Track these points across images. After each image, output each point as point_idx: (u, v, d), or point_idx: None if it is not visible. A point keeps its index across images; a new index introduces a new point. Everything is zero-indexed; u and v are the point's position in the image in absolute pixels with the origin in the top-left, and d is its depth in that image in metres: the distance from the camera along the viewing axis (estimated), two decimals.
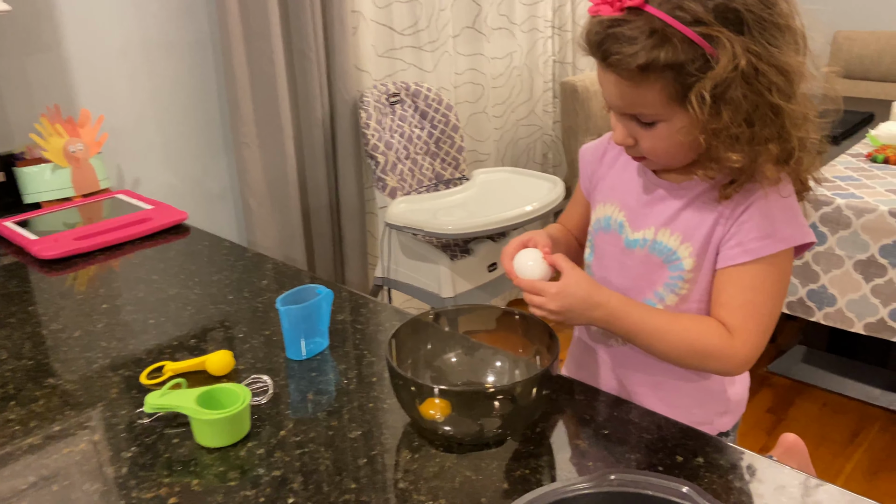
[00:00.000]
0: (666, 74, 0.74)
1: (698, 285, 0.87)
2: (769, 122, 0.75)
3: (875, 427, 2.07)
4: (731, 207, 0.83)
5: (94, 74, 1.72)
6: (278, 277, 1.26)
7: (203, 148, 1.97)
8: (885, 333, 1.80)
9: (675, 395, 0.93)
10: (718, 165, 0.79)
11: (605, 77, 0.80)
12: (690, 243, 0.85)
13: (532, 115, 2.83)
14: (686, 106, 0.75)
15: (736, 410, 0.98)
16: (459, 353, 0.95)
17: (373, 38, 2.19)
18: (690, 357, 0.84)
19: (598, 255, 0.96)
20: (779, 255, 0.81)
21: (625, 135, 0.83)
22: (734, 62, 0.71)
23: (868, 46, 2.88)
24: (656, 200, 0.89)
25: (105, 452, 0.82)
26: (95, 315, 1.13)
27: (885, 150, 2.04)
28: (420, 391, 0.79)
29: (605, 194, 0.96)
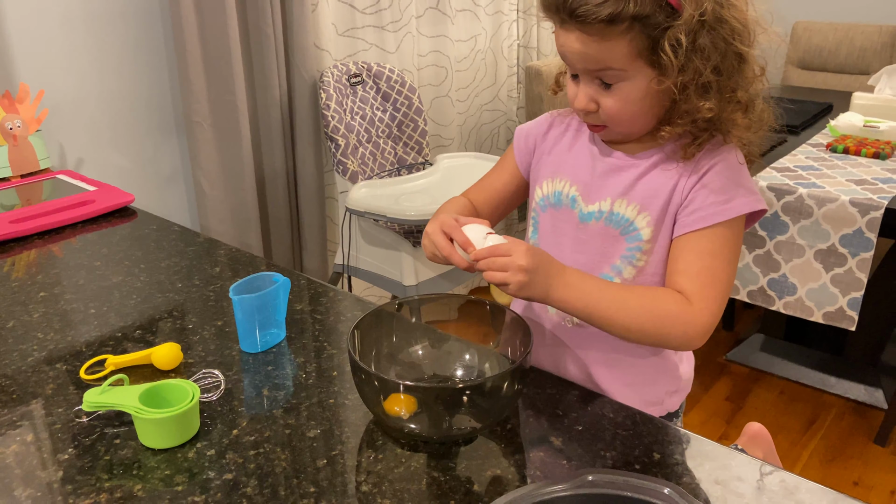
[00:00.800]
0: (633, 27, 0.74)
1: (655, 256, 0.85)
2: (735, 70, 0.77)
3: (831, 414, 2.10)
4: (686, 175, 0.82)
5: (33, 46, 1.61)
6: (232, 264, 1.20)
7: (152, 127, 1.87)
8: (844, 322, 1.82)
9: (630, 371, 0.92)
10: (687, 119, 0.79)
11: (567, 36, 0.78)
12: (648, 212, 0.84)
13: (496, 100, 2.78)
14: (652, 61, 0.75)
15: (684, 389, 0.98)
16: (426, 346, 0.90)
17: (333, 16, 2.11)
18: (651, 325, 0.79)
19: (544, 233, 0.93)
20: (734, 221, 0.81)
21: (587, 99, 0.81)
22: (700, 8, 0.72)
23: (827, 37, 2.91)
24: (611, 172, 0.87)
25: (39, 454, 0.75)
26: (32, 304, 1.05)
27: (845, 140, 2.06)
28: (384, 386, 0.75)
29: (553, 170, 0.93)
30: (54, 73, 1.65)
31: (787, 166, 1.93)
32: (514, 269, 0.76)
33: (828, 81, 2.94)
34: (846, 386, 2.19)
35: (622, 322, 0.79)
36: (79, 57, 1.68)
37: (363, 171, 2.12)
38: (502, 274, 0.76)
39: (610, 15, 0.72)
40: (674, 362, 0.94)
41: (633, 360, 0.91)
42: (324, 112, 2.00)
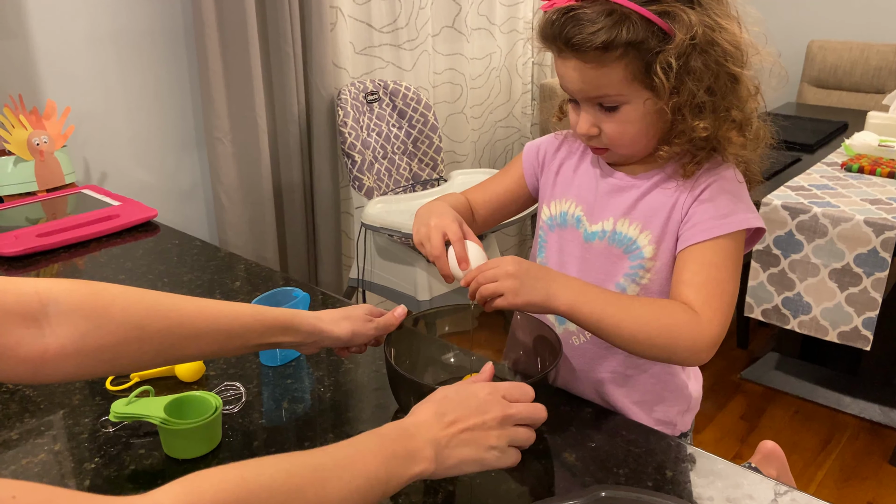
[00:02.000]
0: (628, 53, 0.76)
1: (658, 274, 0.87)
2: (729, 90, 0.79)
3: (846, 434, 2.08)
4: (686, 191, 0.84)
5: (60, 64, 1.65)
6: (251, 279, 1.22)
7: (174, 143, 1.91)
8: (858, 342, 1.81)
9: (640, 389, 0.92)
10: (684, 139, 0.81)
11: (565, 65, 0.80)
12: (650, 230, 0.86)
13: (510, 116, 2.81)
14: (648, 84, 0.77)
15: (693, 408, 0.99)
16: (458, 354, 0.93)
17: (351, 35, 2.15)
18: (659, 334, 0.78)
19: (551, 252, 0.95)
20: (735, 236, 0.82)
21: (589, 124, 0.83)
22: (691, 32, 0.75)
23: (842, 56, 2.91)
24: (613, 192, 0.89)
25: (66, 463, 0.78)
26: None
27: (860, 159, 2.06)
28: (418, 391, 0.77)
29: (560, 191, 0.95)
30: (80, 90, 1.69)
31: (801, 185, 1.94)
32: (503, 276, 0.77)
33: (843, 100, 2.94)
34: (861, 405, 2.17)
35: (630, 330, 0.78)
36: (104, 75, 1.73)
37: (378, 187, 2.15)
38: (493, 284, 0.77)
39: (604, 42, 0.74)
40: (682, 380, 0.95)
41: (642, 378, 0.92)
42: (341, 129, 2.03)
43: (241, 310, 0.75)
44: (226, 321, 0.73)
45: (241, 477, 0.51)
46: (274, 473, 0.53)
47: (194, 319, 0.71)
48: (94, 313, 0.64)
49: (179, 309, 0.70)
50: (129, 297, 0.67)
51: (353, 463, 0.58)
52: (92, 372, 0.66)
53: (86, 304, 0.64)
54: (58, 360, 0.62)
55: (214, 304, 0.74)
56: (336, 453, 0.59)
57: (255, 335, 0.76)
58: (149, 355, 0.69)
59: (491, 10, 2.57)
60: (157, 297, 0.70)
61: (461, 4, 2.43)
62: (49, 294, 0.62)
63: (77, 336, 0.63)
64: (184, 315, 0.70)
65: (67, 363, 0.63)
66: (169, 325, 0.69)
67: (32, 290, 0.62)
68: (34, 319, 0.61)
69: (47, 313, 0.62)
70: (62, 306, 0.62)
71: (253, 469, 0.53)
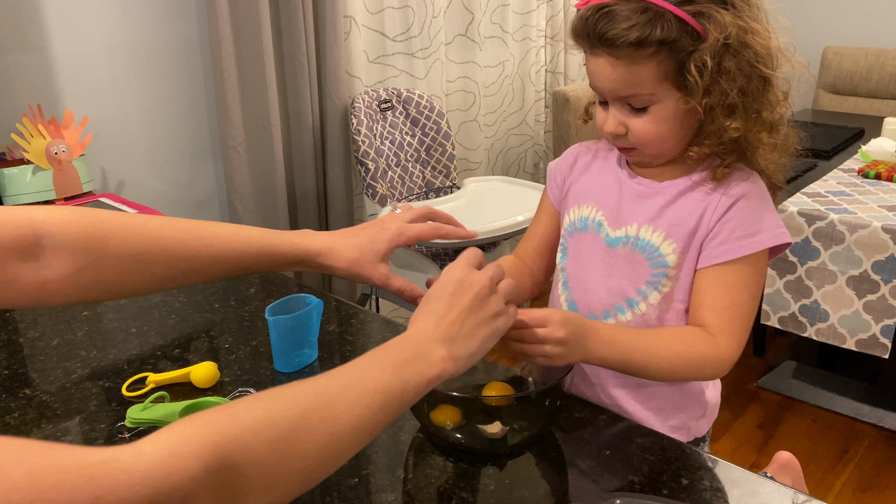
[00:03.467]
0: (660, 51, 0.76)
1: (680, 282, 0.86)
2: (760, 92, 0.79)
3: (864, 444, 2.06)
4: (713, 206, 0.83)
5: (78, 75, 1.68)
6: (266, 286, 1.23)
7: (190, 151, 1.92)
8: (876, 350, 1.79)
9: (655, 398, 0.92)
10: (714, 140, 0.81)
11: (596, 63, 0.80)
12: (674, 239, 0.85)
13: (524, 124, 2.81)
14: (679, 84, 0.78)
15: (711, 415, 0.98)
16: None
17: (364, 44, 2.16)
18: (683, 369, 0.83)
19: (573, 257, 0.95)
20: (759, 254, 0.83)
21: (617, 122, 0.82)
22: (725, 32, 0.75)
23: (857, 62, 2.89)
24: (638, 198, 0.88)
25: None
26: (75, 323, 1.09)
27: (877, 165, 2.05)
28: (430, 397, 0.77)
29: (580, 197, 0.95)
30: (98, 100, 1.72)
31: (818, 192, 1.92)
32: (553, 343, 0.74)
33: (859, 106, 2.92)
34: (880, 414, 2.14)
35: (656, 370, 0.82)
36: (121, 85, 1.75)
37: (392, 195, 2.15)
38: (539, 347, 0.74)
39: (638, 38, 0.75)
40: (700, 388, 0.95)
41: (658, 387, 0.91)
42: (354, 137, 2.04)
43: (249, 242, 0.73)
44: (231, 255, 0.71)
45: (232, 415, 0.47)
46: (270, 405, 0.50)
47: (197, 252, 0.69)
48: (92, 247, 0.63)
49: (182, 241, 0.69)
50: (127, 229, 0.66)
51: (360, 381, 0.55)
52: (94, 298, 0.66)
53: (83, 237, 0.63)
54: (58, 289, 0.63)
55: (220, 234, 0.72)
56: (340, 375, 0.55)
57: (262, 267, 0.75)
58: (150, 285, 0.68)
59: (504, 19, 2.57)
60: (158, 229, 0.68)
61: (474, 13, 2.44)
62: (43, 225, 0.62)
63: (75, 269, 0.63)
64: (188, 247, 0.69)
65: (68, 291, 0.63)
66: (170, 259, 0.68)
67: (26, 221, 0.61)
68: (30, 253, 0.61)
69: (42, 246, 0.61)
70: (57, 239, 0.62)
71: (246, 404, 0.49)
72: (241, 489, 0.45)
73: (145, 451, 0.42)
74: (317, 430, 0.50)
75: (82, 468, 0.38)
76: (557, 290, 0.97)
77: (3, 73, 1.57)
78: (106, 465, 0.39)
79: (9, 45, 1.57)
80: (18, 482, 0.36)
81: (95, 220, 0.65)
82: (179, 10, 1.80)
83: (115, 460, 0.40)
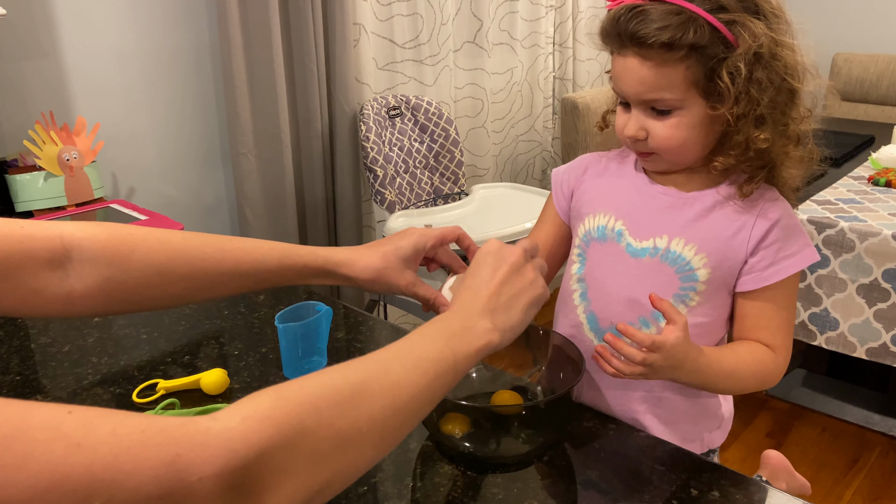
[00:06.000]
0: (690, 56, 0.76)
1: (709, 298, 0.86)
2: (788, 105, 0.79)
3: (875, 452, 2.04)
4: (749, 228, 0.83)
5: (90, 82, 1.69)
6: (275, 292, 1.23)
7: (200, 158, 1.94)
8: (887, 359, 1.78)
9: (672, 411, 0.91)
10: (739, 150, 0.80)
11: (624, 63, 0.80)
12: (706, 254, 0.84)
13: (532, 130, 2.82)
14: (706, 91, 0.78)
15: (725, 427, 0.98)
16: (480, 369, 0.93)
17: (373, 51, 2.17)
18: (752, 386, 0.86)
19: (592, 266, 0.93)
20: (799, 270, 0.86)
21: (638, 126, 0.82)
22: (758, 42, 0.75)
23: (867, 69, 2.88)
24: (664, 208, 0.87)
25: None
26: (86, 329, 1.10)
27: (887, 173, 2.03)
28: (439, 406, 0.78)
29: (595, 205, 0.93)
30: (109, 106, 1.73)
31: (827, 199, 1.92)
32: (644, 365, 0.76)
33: (869, 113, 2.91)
34: (890, 423, 2.13)
35: (730, 390, 0.88)
36: (133, 92, 1.77)
37: (400, 201, 2.16)
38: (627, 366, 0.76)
39: (670, 39, 0.75)
40: (716, 402, 0.94)
41: (675, 399, 0.91)
42: (363, 144, 2.05)
43: (270, 253, 0.75)
44: (251, 266, 0.73)
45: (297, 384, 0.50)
46: (331, 375, 0.52)
47: (218, 265, 0.71)
48: (117, 259, 0.66)
49: (203, 253, 0.71)
50: (151, 243, 0.69)
51: (413, 351, 0.57)
52: (120, 310, 0.69)
53: (108, 250, 0.66)
54: (84, 300, 0.66)
55: (241, 246, 0.73)
56: (395, 346, 0.58)
57: (284, 280, 0.76)
58: (174, 297, 0.71)
59: (512, 26, 2.58)
60: (181, 242, 0.71)
61: (482, 20, 2.44)
62: (73, 239, 0.65)
63: (101, 280, 0.66)
64: (208, 260, 0.71)
65: (95, 302, 0.66)
66: (191, 271, 0.70)
67: (57, 234, 0.65)
68: (59, 263, 0.64)
69: (71, 258, 0.65)
70: (85, 252, 0.65)
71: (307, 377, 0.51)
72: (317, 451, 0.47)
73: (220, 417, 0.44)
74: (379, 394, 0.52)
75: (163, 429, 0.41)
76: (573, 300, 0.95)
77: (17, 80, 1.59)
78: (185, 428, 0.42)
79: (22, 52, 1.59)
80: (105, 437, 0.39)
81: (121, 234, 0.68)
82: (190, 17, 1.82)
83: (193, 423, 0.43)
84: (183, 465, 0.40)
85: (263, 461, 0.43)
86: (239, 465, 0.42)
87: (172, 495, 0.39)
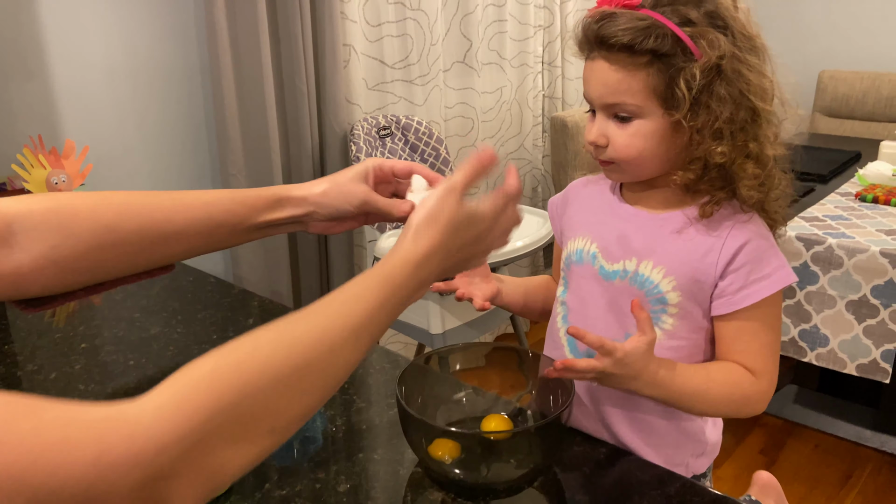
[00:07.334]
0: (653, 63, 0.77)
1: (684, 322, 0.86)
2: (748, 123, 0.80)
3: (868, 469, 2.04)
4: (717, 250, 0.83)
5: (79, 103, 1.69)
6: (265, 316, 1.23)
7: (190, 178, 1.93)
8: (877, 375, 1.79)
9: (654, 434, 0.91)
10: (699, 164, 0.81)
11: (592, 67, 0.82)
12: (675, 277, 0.84)
13: (522, 148, 2.83)
14: (667, 102, 0.78)
15: (711, 453, 0.97)
16: (469, 393, 0.93)
17: (364, 72, 2.18)
18: (726, 409, 0.86)
19: (573, 290, 0.94)
20: (776, 292, 0.84)
21: (599, 132, 0.83)
22: (720, 54, 0.76)
23: (853, 86, 2.92)
24: (634, 230, 0.88)
25: None
26: (73, 355, 1.09)
27: (874, 189, 2.05)
28: (428, 431, 0.77)
29: (574, 230, 0.95)
30: (99, 127, 1.73)
31: (815, 216, 1.93)
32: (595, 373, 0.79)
33: (856, 129, 2.94)
34: (883, 439, 2.13)
35: (701, 409, 0.86)
36: (122, 112, 1.77)
37: None
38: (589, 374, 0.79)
39: (631, 41, 0.76)
40: (699, 427, 0.93)
41: (657, 422, 0.90)
42: (353, 163, 2.05)
43: (219, 195, 0.72)
44: (203, 209, 0.70)
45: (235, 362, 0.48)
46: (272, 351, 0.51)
47: (169, 214, 0.69)
48: (61, 223, 0.64)
49: (152, 205, 0.68)
50: (95, 202, 0.66)
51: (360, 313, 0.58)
52: (74, 281, 0.66)
53: (50, 217, 0.64)
54: (34, 273, 0.63)
55: (191, 193, 0.71)
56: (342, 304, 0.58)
57: (239, 218, 0.73)
58: (129, 257, 0.68)
59: (501, 46, 2.60)
60: (125, 198, 0.68)
61: (472, 40, 2.46)
62: (11, 213, 0.63)
63: (47, 248, 0.63)
64: (157, 210, 0.68)
65: (45, 275, 0.64)
66: (142, 224, 0.67)
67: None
68: (2, 240, 0.62)
69: (13, 231, 0.62)
70: (26, 223, 0.63)
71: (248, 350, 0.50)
72: (250, 431, 0.47)
73: (149, 405, 0.42)
74: (320, 371, 0.53)
75: (88, 423, 0.40)
76: (556, 323, 0.96)
77: (4, 103, 1.59)
78: (111, 421, 0.40)
79: (10, 74, 1.58)
80: (26, 436, 0.38)
81: (62, 201, 0.66)
82: (180, 37, 1.82)
83: (120, 414, 0.41)
84: (106, 462, 0.39)
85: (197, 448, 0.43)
86: (165, 459, 0.41)
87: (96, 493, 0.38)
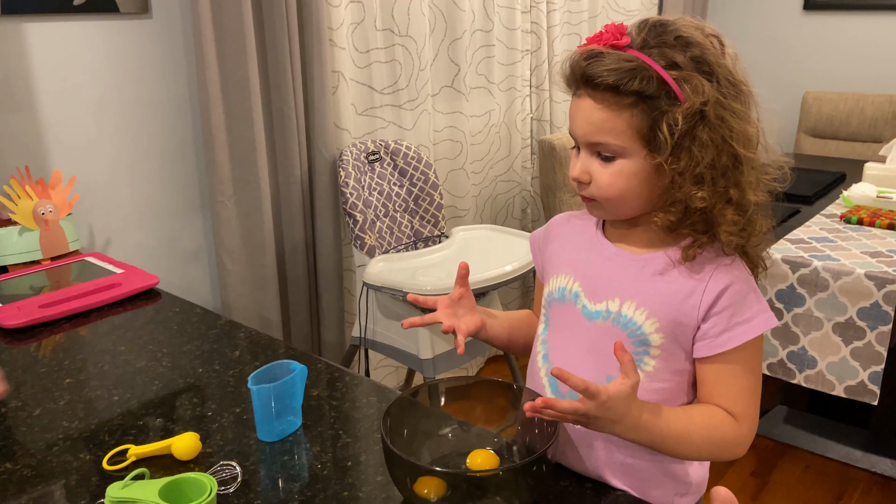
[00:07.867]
0: (637, 104, 0.78)
1: (665, 363, 0.86)
2: (730, 170, 0.80)
3: (858, 490, 2.04)
4: (700, 293, 0.83)
5: (67, 133, 1.69)
6: (252, 348, 1.22)
7: (178, 206, 1.93)
8: (865, 397, 1.79)
9: (636, 475, 0.90)
10: (680, 207, 0.81)
11: (578, 104, 0.83)
12: (657, 319, 0.84)
13: (511, 171, 2.84)
14: (650, 143, 0.79)
15: (697, 492, 0.97)
16: (455, 427, 0.92)
17: (352, 97, 2.19)
18: (708, 453, 0.86)
19: (554, 328, 0.94)
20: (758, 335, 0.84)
21: (582, 169, 0.84)
22: (703, 99, 0.77)
23: (837, 107, 2.95)
24: (616, 270, 0.88)
25: None
26: (57, 391, 1.08)
27: (859, 211, 2.07)
28: (413, 470, 0.77)
29: (556, 266, 0.95)
30: (86, 157, 1.73)
31: (801, 238, 1.94)
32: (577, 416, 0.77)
33: (840, 149, 2.97)
34: (873, 460, 2.13)
35: (682, 454, 0.85)
36: (110, 141, 1.77)
37: (380, 245, 2.16)
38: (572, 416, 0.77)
39: (616, 82, 0.77)
40: (683, 467, 0.93)
41: (639, 463, 0.90)
42: (342, 189, 2.06)
43: None
44: None
45: None
46: None
47: None
48: None
49: None
50: None
51: None
52: None
53: None
54: None
55: None
56: None
57: None
58: None
59: (489, 70, 2.62)
60: None
61: (460, 65, 2.48)
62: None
63: None
64: None
65: None
66: None
67: None
68: None
69: None
70: None
71: None
72: None
73: None
74: None
75: None
76: (537, 362, 0.96)
77: None
78: None
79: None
80: None
81: None
82: (168, 65, 1.83)
83: None
84: None
85: None
86: None
87: None
